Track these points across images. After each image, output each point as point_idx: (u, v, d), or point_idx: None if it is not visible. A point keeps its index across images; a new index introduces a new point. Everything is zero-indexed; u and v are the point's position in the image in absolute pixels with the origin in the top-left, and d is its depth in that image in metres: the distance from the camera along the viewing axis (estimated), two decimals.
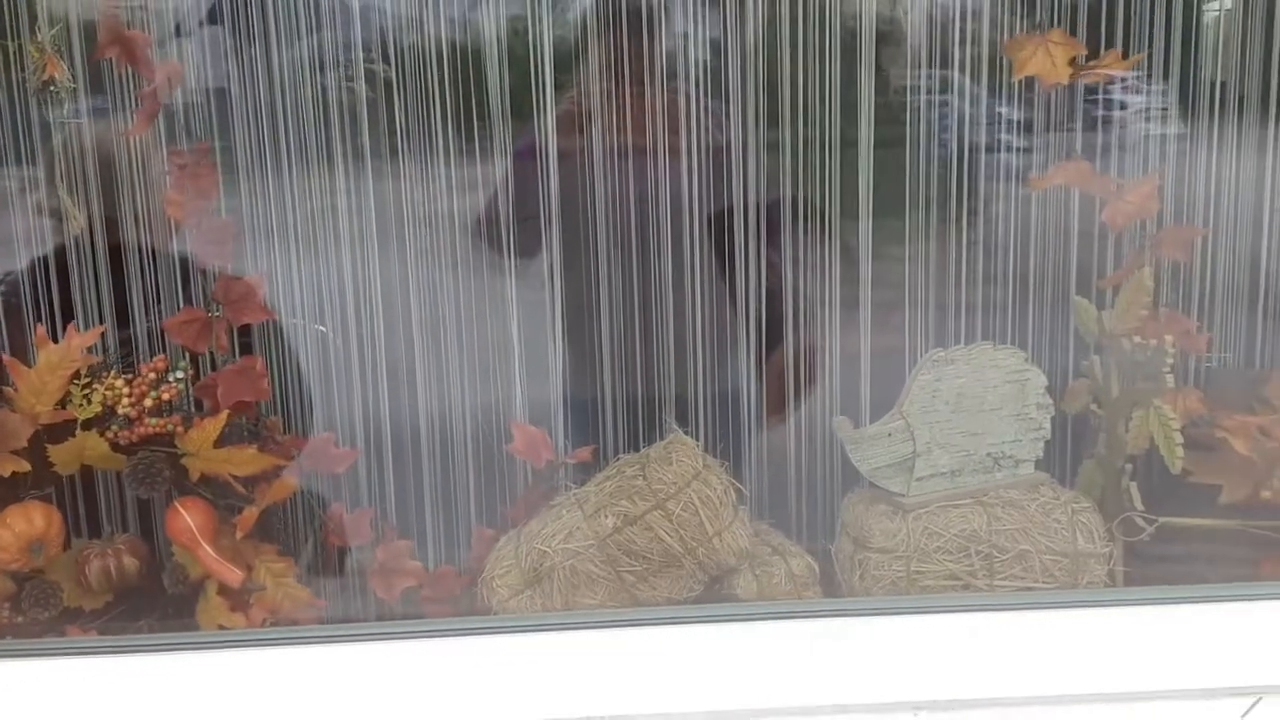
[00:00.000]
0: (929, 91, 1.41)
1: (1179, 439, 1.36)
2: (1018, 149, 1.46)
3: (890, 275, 1.46)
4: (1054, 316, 1.48)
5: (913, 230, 1.43)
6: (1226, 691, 1.28)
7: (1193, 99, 1.42)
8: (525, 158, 1.43)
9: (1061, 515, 1.36)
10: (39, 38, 1.27)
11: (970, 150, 1.44)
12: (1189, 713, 1.27)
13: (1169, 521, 1.39)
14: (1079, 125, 1.42)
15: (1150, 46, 1.38)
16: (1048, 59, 1.29)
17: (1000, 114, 1.45)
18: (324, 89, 1.39)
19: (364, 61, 1.40)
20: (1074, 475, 1.49)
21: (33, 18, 1.27)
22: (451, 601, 1.40)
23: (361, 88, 1.40)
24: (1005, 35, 1.36)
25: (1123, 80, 1.42)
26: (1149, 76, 1.42)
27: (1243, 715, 1.26)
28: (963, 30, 1.37)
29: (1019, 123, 1.44)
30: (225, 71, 1.38)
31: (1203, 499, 1.42)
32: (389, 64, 1.39)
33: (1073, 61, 1.30)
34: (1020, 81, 1.35)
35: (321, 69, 1.39)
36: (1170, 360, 1.38)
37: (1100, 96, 1.42)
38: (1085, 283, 1.45)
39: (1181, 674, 1.28)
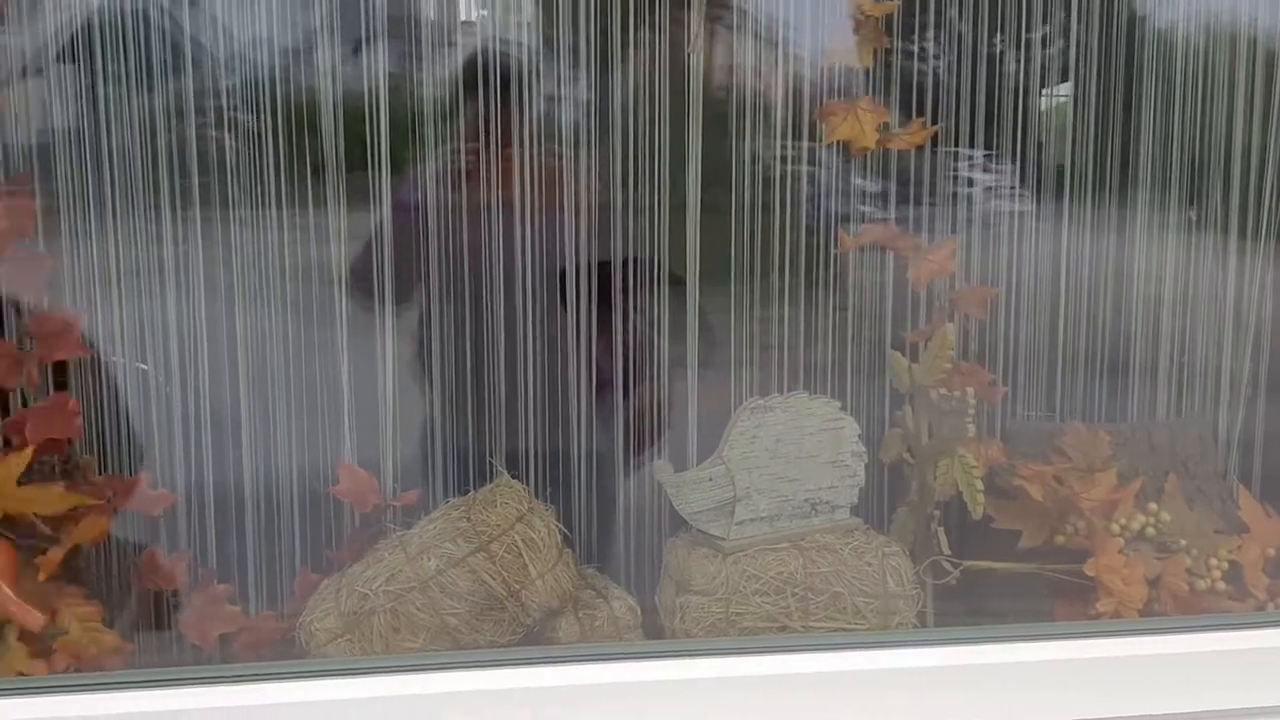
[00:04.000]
0: (794, 162, 1.49)
1: (980, 485, 1.43)
2: (871, 218, 1.55)
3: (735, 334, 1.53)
4: (875, 369, 1.56)
5: (768, 292, 1.51)
6: None
7: (1034, 179, 1.58)
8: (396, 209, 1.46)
9: (873, 559, 1.42)
10: None
11: (820, 216, 1.52)
12: None
13: (973, 565, 1.46)
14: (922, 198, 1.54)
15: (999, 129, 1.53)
16: (857, 124, 1.37)
17: (856, 185, 1.54)
18: (168, 133, 1.39)
19: (218, 109, 1.41)
20: (891, 521, 1.55)
21: None
22: (270, 647, 1.37)
23: (211, 134, 1.41)
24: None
25: (971, 159, 1.53)
26: (997, 157, 1.54)
27: None
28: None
29: (873, 194, 1.54)
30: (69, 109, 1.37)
31: (1006, 543, 1.49)
32: (249, 111, 1.41)
33: (879, 128, 1.38)
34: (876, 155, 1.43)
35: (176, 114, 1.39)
36: (971, 410, 1.46)
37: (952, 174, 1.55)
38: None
39: (984, 710, 1.34)
